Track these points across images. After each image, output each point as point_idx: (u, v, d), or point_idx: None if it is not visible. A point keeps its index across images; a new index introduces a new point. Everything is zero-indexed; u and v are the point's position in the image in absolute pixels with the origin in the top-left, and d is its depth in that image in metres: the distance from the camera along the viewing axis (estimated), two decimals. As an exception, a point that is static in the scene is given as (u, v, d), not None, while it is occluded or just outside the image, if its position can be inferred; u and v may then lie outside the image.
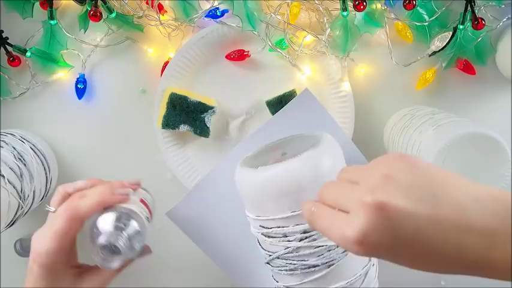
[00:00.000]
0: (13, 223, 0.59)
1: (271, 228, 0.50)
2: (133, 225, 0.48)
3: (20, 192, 0.58)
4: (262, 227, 0.51)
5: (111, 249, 0.44)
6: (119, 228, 0.46)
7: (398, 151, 0.62)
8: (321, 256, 0.49)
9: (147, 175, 0.71)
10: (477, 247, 0.29)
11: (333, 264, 0.50)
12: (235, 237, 0.61)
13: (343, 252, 0.50)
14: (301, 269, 0.50)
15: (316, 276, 0.50)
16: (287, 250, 0.50)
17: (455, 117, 0.59)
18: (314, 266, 0.50)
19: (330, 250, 0.50)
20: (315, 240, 0.49)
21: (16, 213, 0.58)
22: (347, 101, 0.66)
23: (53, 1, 0.64)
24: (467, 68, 0.66)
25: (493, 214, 0.30)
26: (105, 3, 0.63)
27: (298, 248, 0.49)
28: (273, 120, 0.62)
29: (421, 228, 0.29)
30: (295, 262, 0.50)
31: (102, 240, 0.45)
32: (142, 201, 0.54)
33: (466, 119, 0.60)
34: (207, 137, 0.67)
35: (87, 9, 0.64)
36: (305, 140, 0.54)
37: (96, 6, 0.63)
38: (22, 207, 0.59)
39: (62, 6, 0.67)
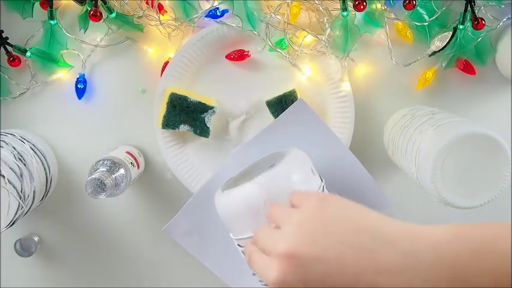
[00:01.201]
0: (13, 223, 0.59)
1: (241, 246, 0.51)
2: (121, 171, 0.60)
3: (20, 192, 0.58)
4: (238, 245, 0.52)
5: (100, 186, 0.57)
6: (109, 171, 0.59)
7: (400, 150, 0.62)
8: None
9: (147, 175, 0.71)
10: (391, 285, 0.31)
11: None
12: (235, 248, 0.61)
13: None
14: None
15: None
16: None
17: (455, 117, 0.59)
18: None
19: None
20: None
21: (16, 213, 0.58)
22: (347, 101, 0.66)
23: (53, 1, 0.64)
24: (467, 68, 0.66)
25: (405, 255, 0.31)
26: (105, 3, 0.63)
27: None
28: (267, 130, 0.62)
29: (329, 272, 0.32)
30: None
31: (95, 175, 0.57)
32: (128, 152, 0.66)
33: (466, 119, 0.60)
34: (207, 137, 0.67)
35: (87, 9, 0.64)
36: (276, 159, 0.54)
37: (96, 6, 0.63)
38: (22, 207, 0.59)
39: (62, 6, 0.67)
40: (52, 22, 0.66)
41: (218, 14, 0.65)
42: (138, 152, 0.68)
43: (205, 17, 0.65)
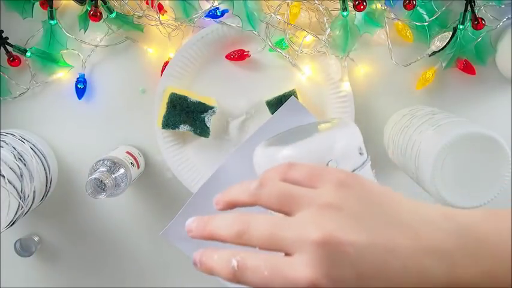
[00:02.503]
0: (13, 223, 0.59)
1: None
2: (121, 170, 0.60)
3: (20, 192, 0.58)
4: None
5: (100, 186, 0.57)
6: (109, 171, 0.59)
7: (400, 150, 0.62)
8: None
9: (147, 175, 0.71)
10: (439, 268, 0.28)
11: None
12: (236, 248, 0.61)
13: None
14: None
15: None
16: None
17: (455, 117, 0.59)
18: None
19: None
20: None
21: (16, 213, 0.58)
22: (347, 101, 0.66)
23: (53, 1, 0.64)
24: (467, 68, 0.66)
25: (446, 233, 0.29)
26: (105, 3, 0.63)
27: None
28: (260, 130, 0.62)
29: (381, 259, 0.27)
30: None
31: (95, 175, 0.57)
32: (128, 152, 0.66)
33: (466, 119, 0.60)
34: (207, 137, 0.67)
35: (87, 9, 0.64)
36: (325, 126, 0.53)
37: (96, 6, 0.63)
38: (22, 207, 0.59)
39: (62, 6, 0.67)
40: (52, 22, 0.65)
41: (218, 14, 0.65)
42: (138, 152, 0.68)
43: (205, 17, 0.65)
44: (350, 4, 0.62)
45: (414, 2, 0.62)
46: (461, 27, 0.64)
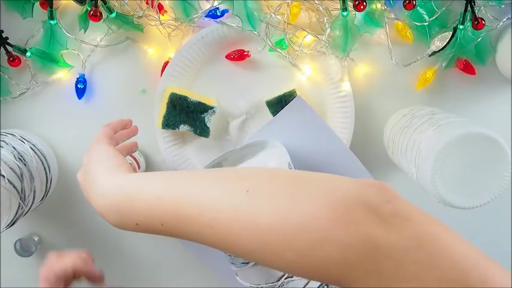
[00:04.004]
0: (13, 223, 0.59)
1: None
2: None
3: (20, 192, 0.58)
4: None
5: None
6: None
7: (400, 150, 0.62)
8: None
9: (147, 175, 0.71)
10: (98, 207, 0.44)
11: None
12: None
13: None
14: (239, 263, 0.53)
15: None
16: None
17: (455, 117, 0.59)
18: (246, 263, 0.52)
19: None
20: None
21: (16, 213, 0.58)
22: (347, 101, 0.66)
23: (53, 1, 0.64)
24: (467, 68, 0.66)
25: (96, 195, 0.44)
26: (105, 3, 0.63)
27: None
28: (266, 127, 0.62)
29: (84, 190, 0.47)
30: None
31: None
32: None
33: (466, 119, 0.60)
34: (207, 137, 0.67)
35: (87, 9, 0.64)
36: (256, 149, 0.57)
37: (96, 6, 0.63)
38: (22, 207, 0.59)
39: (62, 6, 0.67)
40: (52, 22, 0.65)
41: (218, 14, 0.65)
42: (138, 152, 0.68)
43: (205, 17, 0.65)
44: (350, 4, 0.62)
45: (414, 2, 0.62)
46: (461, 27, 0.64)
